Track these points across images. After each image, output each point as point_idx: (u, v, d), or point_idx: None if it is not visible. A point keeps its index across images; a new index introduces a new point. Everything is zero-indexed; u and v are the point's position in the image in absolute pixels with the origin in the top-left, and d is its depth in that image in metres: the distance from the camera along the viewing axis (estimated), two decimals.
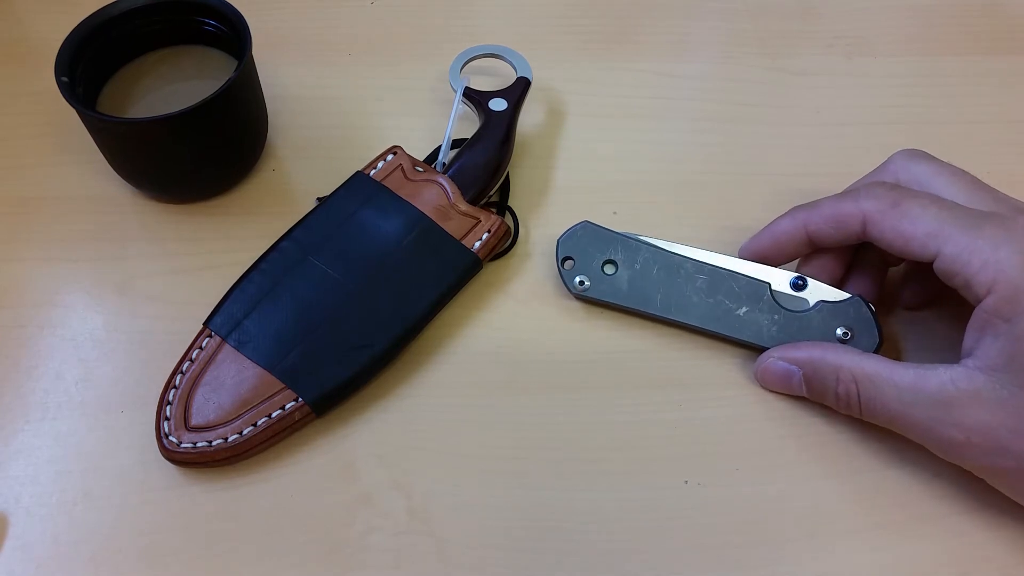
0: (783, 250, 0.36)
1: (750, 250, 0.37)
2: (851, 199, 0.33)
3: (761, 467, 0.34)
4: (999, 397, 0.29)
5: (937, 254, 0.31)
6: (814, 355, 0.34)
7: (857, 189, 0.34)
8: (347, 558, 0.31)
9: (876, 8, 0.51)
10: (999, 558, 0.32)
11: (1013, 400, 0.29)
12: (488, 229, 0.38)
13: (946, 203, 0.31)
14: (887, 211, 0.32)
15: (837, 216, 0.34)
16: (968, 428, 0.29)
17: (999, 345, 0.29)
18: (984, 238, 0.30)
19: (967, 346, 0.30)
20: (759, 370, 0.35)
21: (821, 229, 0.34)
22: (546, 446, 0.34)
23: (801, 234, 0.35)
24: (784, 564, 0.32)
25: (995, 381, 0.29)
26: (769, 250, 0.36)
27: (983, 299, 0.30)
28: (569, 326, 0.38)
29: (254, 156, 0.42)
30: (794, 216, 0.36)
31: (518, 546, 0.32)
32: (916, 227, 0.31)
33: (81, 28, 0.38)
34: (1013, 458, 0.29)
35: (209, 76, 0.40)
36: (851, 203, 0.33)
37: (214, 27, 0.40)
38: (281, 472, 0.33)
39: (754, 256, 0.37)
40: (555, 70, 0.47)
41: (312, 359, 0.34)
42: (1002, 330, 0.29)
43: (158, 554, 0.31)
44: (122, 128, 0.36)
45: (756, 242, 0.37)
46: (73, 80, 0.37)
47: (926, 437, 0.31)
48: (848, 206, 0.33)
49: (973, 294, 0.30)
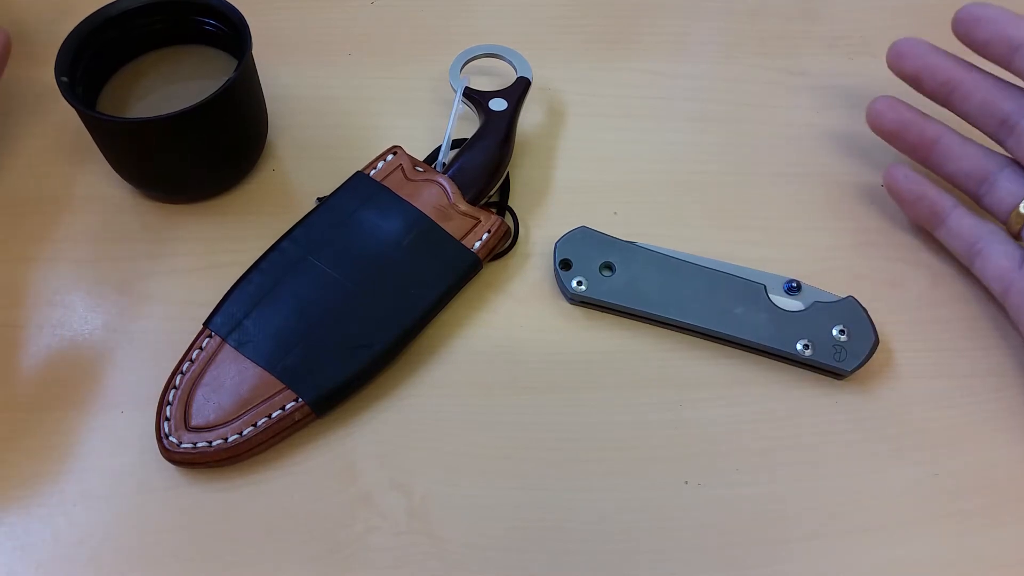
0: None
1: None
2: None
3: (761, 467, 0.34)
4: None
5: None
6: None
7: None
8: (347, 558, 0.31)
9: (876, 8, 0.51)
10: (997, 557, 0.32)
11: None
12: (488, 229, 0.38)
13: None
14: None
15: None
16: None
17: None
18: None
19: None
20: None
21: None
22: (546, 446, 0.34)
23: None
24: (784, 564, 0.32)
25: None
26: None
27: None
28: (569, 326, 0.38)
29: (254, 156, 0.42)
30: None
31: (518, 546, 0.32)
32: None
33: (81, 28, 0.38)
34: None
35: (209, 76, 0.40)
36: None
37: (214, 27, 0.40)
38: (281, 472, 0.33)
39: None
40: (555, 70, 0.47)
41: (312, 359, 0.34)
42: None
43: (158, 554, 0.31)
44: (122, 128, 0.36)
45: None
46: (73, 80, 0.37)
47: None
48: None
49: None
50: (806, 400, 0.35)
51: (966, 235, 0.37)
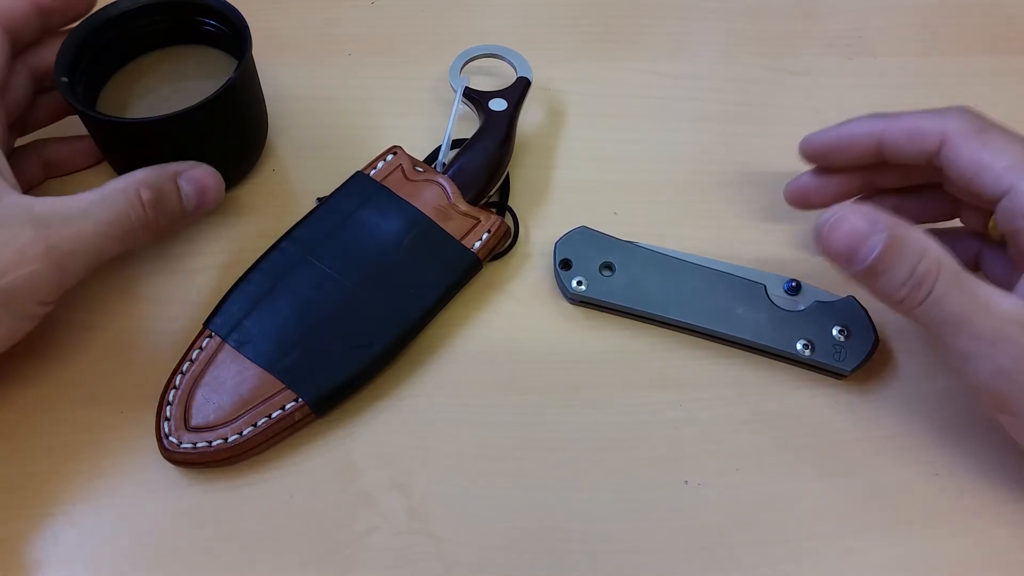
0: (847, 151, 0.34)
1: (814, 144, 0.36)
2: (935, 116, 0.32)
3: (761, 467, 0.34)
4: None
5: (1010, 189, 0.30)
6: (901, 224, 0.30)
7: (941, 109, 0.33)
8: (347, 558, 0.31)
9: (876, 8, 0.51)
10: (997, 557, 0.32)
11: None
12: (488, 229, 0.38)
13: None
14: (971, 135, 0.31)
15: (916, 129, 0.32)
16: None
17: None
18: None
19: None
20: (831, 222, 0.30)
21: (896, 140, 0.33)
22: (546, 446, 0.34)
23: (872, 140, 0.33)
24: (784, 564, 0.32)
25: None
26: (834, 147, 0.35)
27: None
28: (569, 326, 0.38)
29: (254, 156, 0.42)
30: (871, 121, 0.34)
31: (518, 546, 0.32)
32: (996, 159, 0.30)
33: (81, 28, 0.37)
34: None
35: (209, 76, 0.40)
36: (935, 119, 0.32)
37: (214, 27, 0.40)
38: (281, 472, 0.33)
39: (816, 151, 0.35)
40: (555, 70, 0.47)
41: (312, 359, 0.34)
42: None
43: (158, 554, 0.31)
44: (122, 128, 0.36)
45: (823, 137, 0.35)
46: (73, 80, 0.36)
47: (988, 349, 0.28)
48: (931, 122, 0.32)
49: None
50: (806, 400, 0.35)
51: None
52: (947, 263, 0.29)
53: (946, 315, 0.29)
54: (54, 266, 0.31)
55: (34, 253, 0.30)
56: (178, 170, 0.35)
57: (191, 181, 0.35)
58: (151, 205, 0.33)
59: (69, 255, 0.31)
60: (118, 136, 0.37)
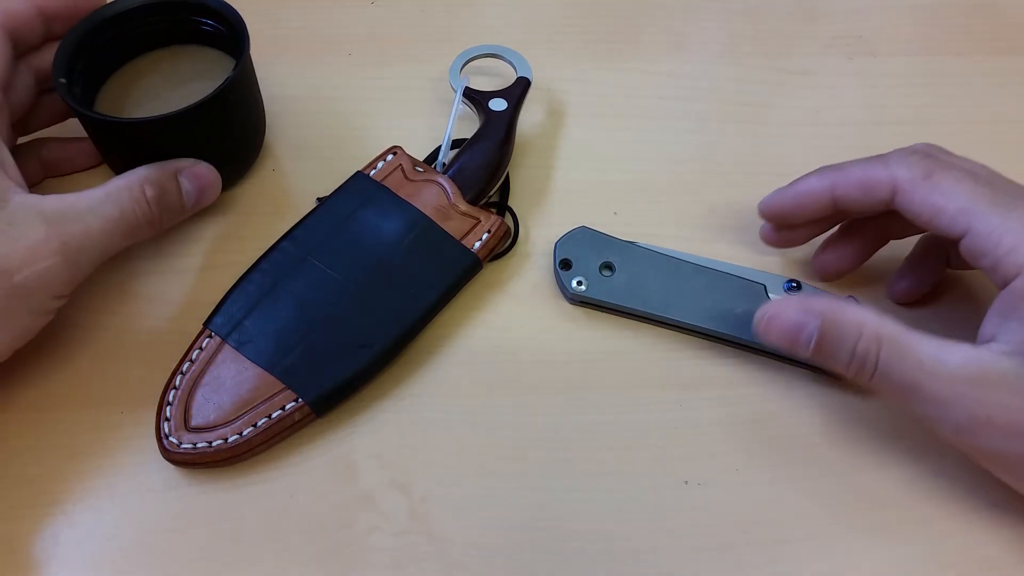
0: (804, 211, 0.34)
1: (771, 205, 0.36)
2: (882, 165, 0.32)
3: (761, 467, 0.34)
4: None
5: (967, 231, 0.29)
6: (837, 306, 0.31)
7: (888, 155, 0.33)
8: (347, 558, 0.31)
9: (876, 8, 0.51)
10: (997, 557, 0.32)
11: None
12: (488, 229, 0.38)
13: (980, 178, 0.30)
14: (919, 182, 0.31)
15: (866, 181, 0.32)
16: (991, 406, 0.28)
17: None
18: (1016, 219, 0.29)
19: (988, 332, 0.29)
20: (766, 318, 0.32)
21: (848, 193, 0.33)
22: (546, 446, 0.34)
23: (827, 196, 0.33)
24: (784, 564, 0.32)
25: (1021, 366, 0.28)
26: (791, 208, 0.35)
27: (1012, 280, 0.29)
28: (569, 326, 0.38)
29: (252, 156, 0.42)
30: (822, 176, 0.34)
31: (518, 546, 0.32)
32: (948, 201, 0.30)
33: (78, 29, 0.37)
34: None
35: (208, 76, 0.40)
36: (882, 169, 0.32)
37: (212, 27, 0.40)
38: (281, 472, 0.33)
39: (773, 212, 0.35)
40: (555, 70, 0.47)
41: (312, 359, 0.34)
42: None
43: (158, 554, 0.31)
44: (119, 128, 0.36)
45: (780, 199, 0.35)
46: (71, 81, 0.36)
47: (942, 412, 0.29)
48: (879, 172, 0.32)
49: (1001, 276, 0.29)
50: (806, 400, 0.35)
51: None
52: (887, 336, 0.29)
53: (896, 385, 0.30)
54: (66, 261, 0.32)
55: (47, 249, 0.31)
56: (179, 167, 0.36)
57: (191, 178, 0.36)
58: (155, 201, 0.34)
59: (80, 250, 0.32)
60: (116, 136, 0.37)
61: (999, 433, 0.28)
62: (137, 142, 0.36)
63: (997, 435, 0.28)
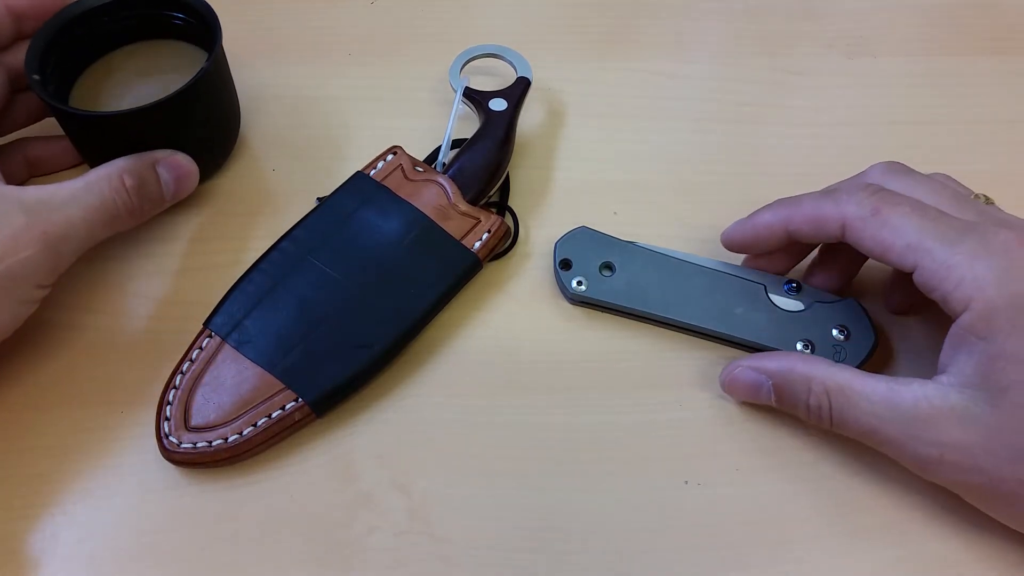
0: (763, 243, 0.35)
1: (732, 237, 0.36)
2: (832, 201, 0.33)
3: (761, 467, 0.34)
4: (973, 415, 0.28)
5: (915, 267, 0.30)
6: (784, 365, 0.33)
7: (839, 190, 0.33)
8: (347, 558, 0.31)
9: (876, 8, 0.51)
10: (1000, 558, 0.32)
11: (986, 419, 0.28)
12: (488, 229, 0.38)
13: (928, 212, 0.31)
14: (867, 219, 0.31)
15: (817, 218, 0.33)
16: (942, 445, 0.29)
17: (973, 363, 0.29)
18: (962, 253, 0.29)
19: (943, 361, 0.30)
20: (727, 379, 0.34)
21: (801, 228, 0.34)
22: (546, 446, 0.34)
23: (781, 230, 0.34)
24: (784, 564, 0.32)
25: (969, 399, 0.28)
26: (751, 240, 0.36)
27: (959, 316, 0.29)
28: (569, 326, 0.38)
29: (228, 147, 0.42)
30: (776, 211, 0.35)
31: (518, 546, 0.32)
32: (896, 238, 0.30)
33: (49, 25, 0.37)
34: (986, 476, 0.29)
35: (180, 70, 0.39)
36: (832, 206, 0.32)
37: (183, 20, 0.39)
38: (281, 472, 0.33)
39: (735, 243, 0.36)
40: (555, 70, 0.47)
41: (312, 359, 0.34)
42: (977, 348, 0.29)
43: (158, 554, 0.31)
44: (95, 122, 0.36)
45: (737, 232, 0.36)
46: (45, 78, 0.36)
47: (899, 452, 0.30)
48: (828, 209, 0.33)
49: (950, 309, 0.30)
50: None
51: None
52: (835, 388, 0.31)
53: (854, 432, 0.31)
54: (48, 250, 0.32)
55: (28, 238, 0.31)
56: (156, 158, 0.36)
57: (169, 167, 0.37)
58: (134, 191, 0.35)
59: (61, 240, 0.32)
60: (91, 130, 0.37)
61: (954, 469, 0.29)
62: (112, 135, 0.36)
63: (953, 470, 0.29)
